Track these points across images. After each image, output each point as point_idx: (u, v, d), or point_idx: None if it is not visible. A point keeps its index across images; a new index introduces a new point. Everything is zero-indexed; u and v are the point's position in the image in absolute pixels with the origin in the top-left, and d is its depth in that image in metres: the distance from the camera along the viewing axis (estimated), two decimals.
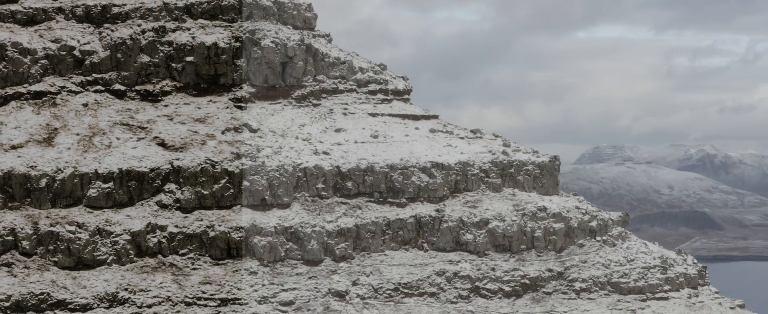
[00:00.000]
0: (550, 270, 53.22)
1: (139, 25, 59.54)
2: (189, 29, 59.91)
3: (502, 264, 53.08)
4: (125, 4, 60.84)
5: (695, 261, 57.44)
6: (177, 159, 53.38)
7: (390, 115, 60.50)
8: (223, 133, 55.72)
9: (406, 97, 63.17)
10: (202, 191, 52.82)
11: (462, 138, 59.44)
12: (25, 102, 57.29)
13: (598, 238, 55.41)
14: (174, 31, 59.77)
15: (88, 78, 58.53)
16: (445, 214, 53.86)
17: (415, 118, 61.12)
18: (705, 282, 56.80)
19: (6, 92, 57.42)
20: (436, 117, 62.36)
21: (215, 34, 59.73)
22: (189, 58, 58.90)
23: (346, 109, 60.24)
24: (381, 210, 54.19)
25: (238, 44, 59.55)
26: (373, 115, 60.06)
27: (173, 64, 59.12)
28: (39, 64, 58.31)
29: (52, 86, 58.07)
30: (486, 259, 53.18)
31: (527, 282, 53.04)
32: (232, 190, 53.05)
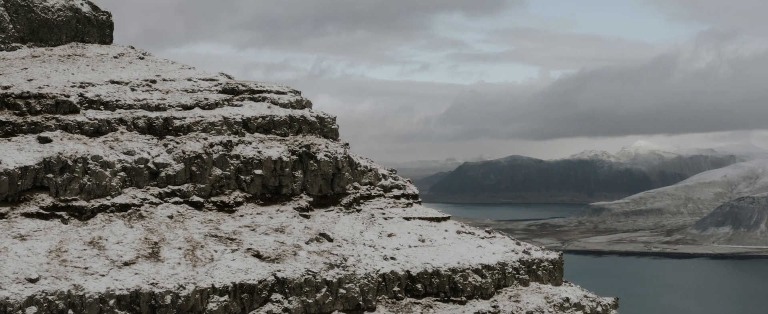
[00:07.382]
0: None
1: (206, 139, 63.65)
2: (250, 143, 64.94)
3: None
4: (185, 117, 64.55)
5: None
6: (279, 271, 58.71)
7: (419, 218, 69.36)
8: (307, 243, 61.67)
9: (419, 200, 72.36)
10: (307, 300, 58.64)
11: (483, 238, 69.71)
12: (111, 214, 59.37)
13: None
14: (237, 144, 64.53)
15: (165, 190, 61.69)
16: (500, 309, 63.91)
17: (438, 220, 70.46)
18: None
19: (92, 205, 59.16)
20: (449, 217, 72.08)
21: (274, 148, 65.34)
22: (257, 171, 64.03)
23: (383, 213, 68.19)
24: (447, 308, 63.04)
25: (295, 157, 65.60)
26: (407, 219, 68.59)
27: (242, 176, 63.88)
28: (118, 177, 60.57)
29: (133, 198, 60.56)
30: None
31: None
32: (330, 298, 59.37)
